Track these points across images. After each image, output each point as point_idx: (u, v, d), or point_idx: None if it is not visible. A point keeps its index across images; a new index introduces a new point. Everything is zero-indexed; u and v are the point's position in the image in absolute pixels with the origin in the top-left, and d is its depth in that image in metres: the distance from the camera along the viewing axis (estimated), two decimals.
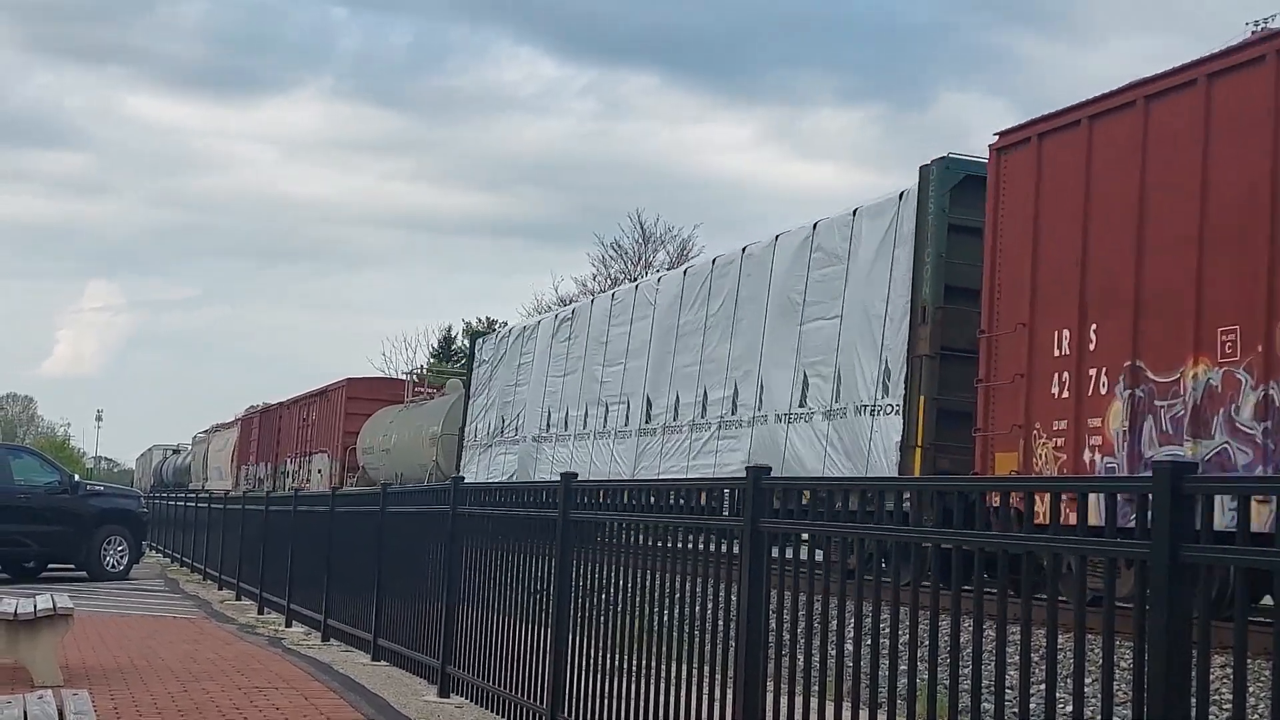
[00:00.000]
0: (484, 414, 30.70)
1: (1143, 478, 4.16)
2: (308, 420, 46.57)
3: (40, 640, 10.64)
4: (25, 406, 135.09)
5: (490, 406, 30.43)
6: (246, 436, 57.85)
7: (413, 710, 10.01)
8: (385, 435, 38.22)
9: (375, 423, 39.91)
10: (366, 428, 40.17)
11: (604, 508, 8.31)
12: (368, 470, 38.80)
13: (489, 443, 29.74)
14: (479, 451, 30.39)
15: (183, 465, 76.78)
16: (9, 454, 24.72)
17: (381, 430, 38.79)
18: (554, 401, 26.59)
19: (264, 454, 52.96)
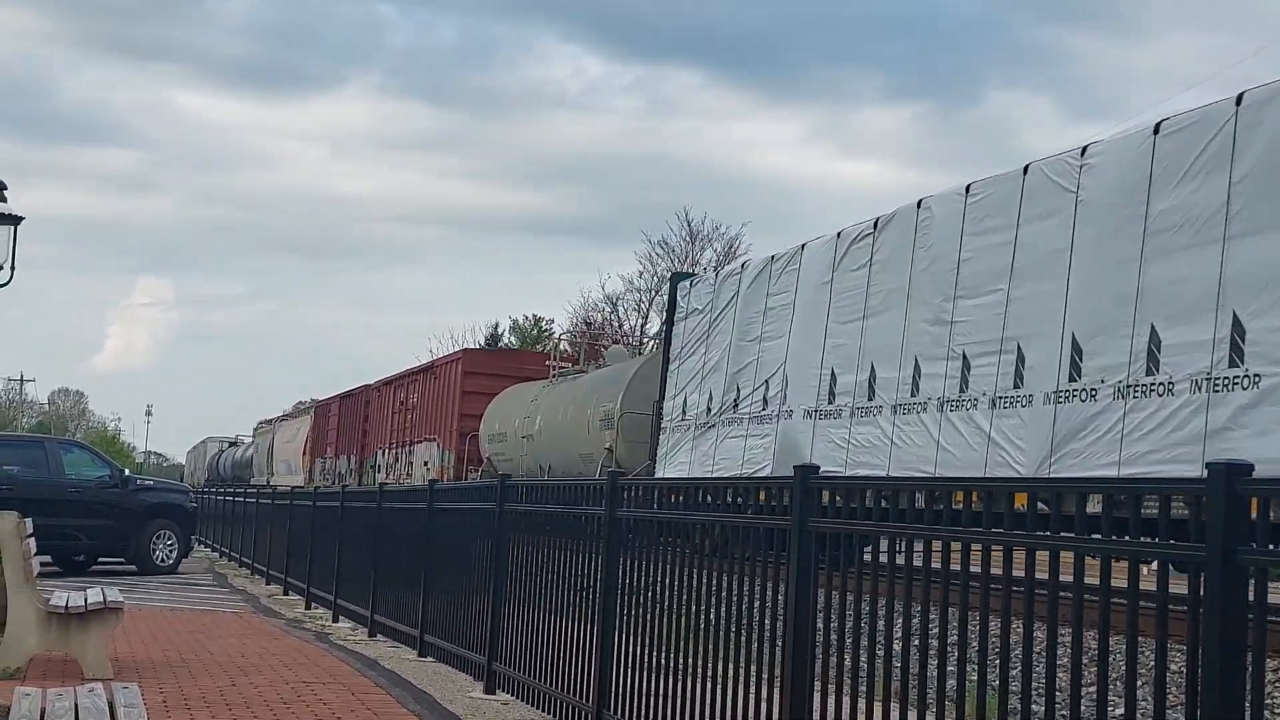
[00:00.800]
0: (697, 382, 21.44)
1: (1196, 479, 4.12)
2: (408, 404, 39.09)
3: (91, 634, 10.73)
4: (76, 401, 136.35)
5: (710, 371, 21.08)
6: (322, 425, 51.52)
7: (459, 706, 10.03)
8: (525, 419, 30.27)
9: (506, 403, 32.33)
10: (493, 410, 32.66)
11: (650, 506, 8.30)
12: (496, 462, 31.34)
13: (710, 421, 20.70)
14: (692, 433, 21.22)
15: (242, 459, 71.33)
16: (61, 448, 24.95)
17: (518, 412, 31.06)
18: (844, 358, 17.16)
19: (346, 445, 46.32)
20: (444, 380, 35.80)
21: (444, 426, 34.87)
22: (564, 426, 27.77)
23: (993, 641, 5.48)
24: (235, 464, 72.17)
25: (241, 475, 67.20)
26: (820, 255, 18.31)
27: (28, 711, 5.87)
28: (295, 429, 57.20)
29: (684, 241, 55.87)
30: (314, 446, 51.57)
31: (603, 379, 27.62)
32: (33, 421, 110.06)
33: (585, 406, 26.99)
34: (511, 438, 30.80)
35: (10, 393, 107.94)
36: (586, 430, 26.53)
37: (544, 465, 28.54)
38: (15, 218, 16.81)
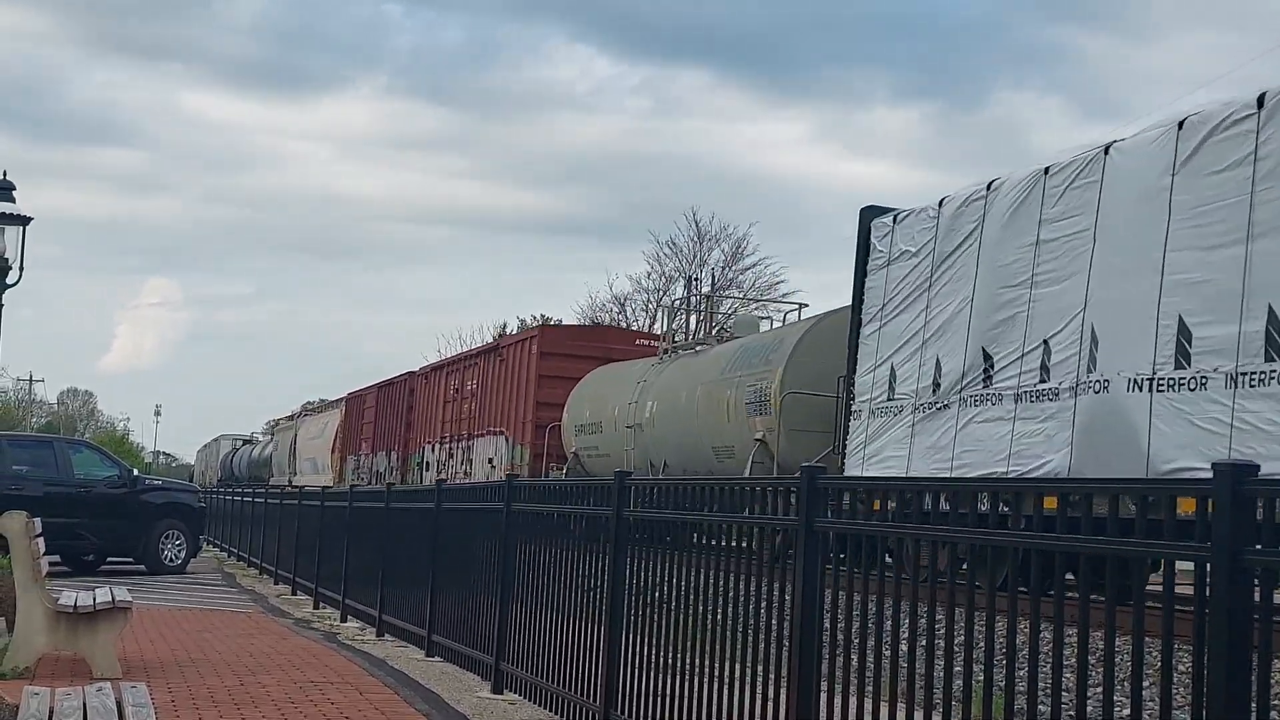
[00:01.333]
0: (913, 348, 16.16)
1: (1203, 480, 4.12)
2: (464, 391, 33.88)
3: (99, 633, 10.75)
4: (85, 401, 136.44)
5: (937, 332, 15.77)
6: (354, 419, 46.73)
7: (466, 706, 10.04)
8: (630, 405, 24.59)
9: (598, 387, 27.14)
10: (581, 396, 27.55)
11: (658, 506, 8.30)
12: (586, 459, 26.48)
13: (941, 400, 15.38)
14: (909, 418, 15.95)
15: (260, 457, 66.95)
16: (70, 448, 24.99)
17: (618, 397, 25.43)
18: (1206, 300, 11.75)
19: (386, 440, 41.56)
20: (514, 363, 30.39)
21: (515, 417, 29.66)
22: (688, 413, 22.09)
23: (999, 642, 5.48)
24: (252, 463, 68.04)
25: (259, 474, 62.82)
26: (1146, 155, 12.71)
27: (37, 710, 5.89)
28: (322, 424, 52.68)
29: (692, 241, 55.85)
30: (345, 442, 46.98)
31: (748, 351, 21.22)
32: (42, 421, 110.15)
33: (723, 387, 20.98)
34: (610, 428, 25.43)
35: (19, 392, 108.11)
36: (725, 417, 20.72)
37: (657, 461, 23.14)
38: (24, 218, 16.83)
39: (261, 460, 65.53)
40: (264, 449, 67.47)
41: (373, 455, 42.98)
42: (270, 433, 77.18)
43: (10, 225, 16.71)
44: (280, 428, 66.87)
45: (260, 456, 66.44)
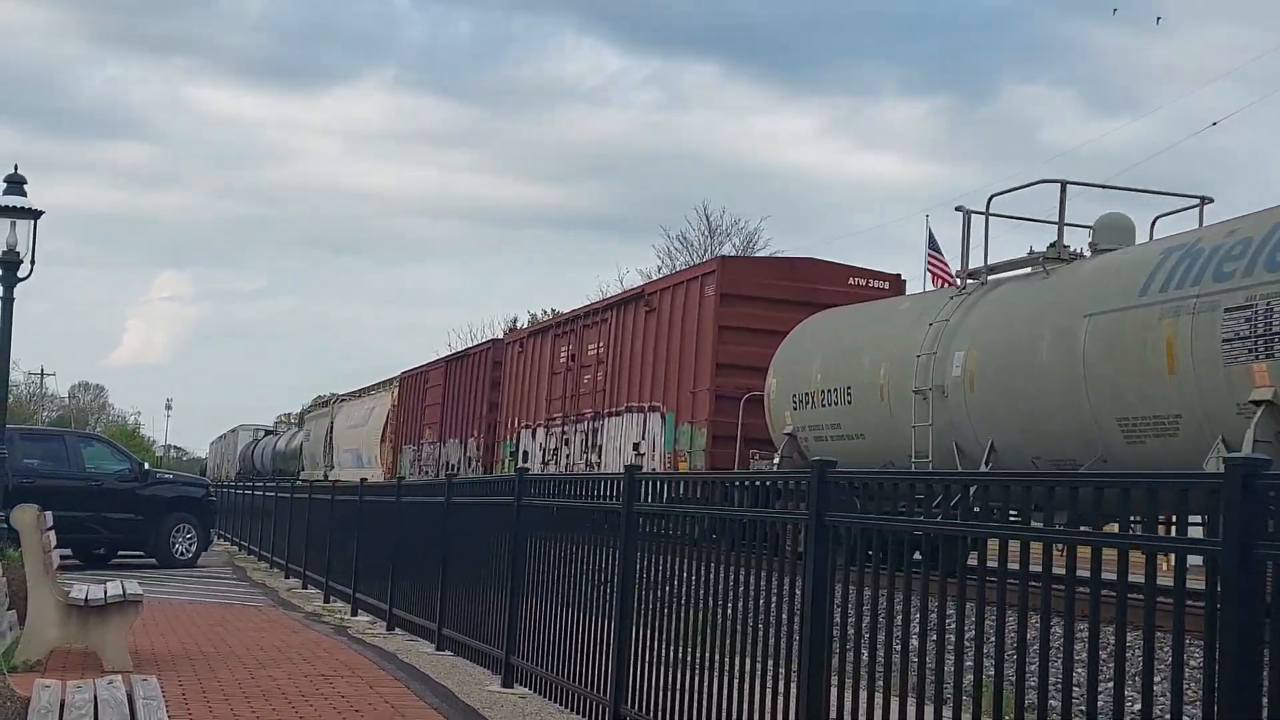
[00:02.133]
0: None
1: (1214, 475, 4.11)
2: (584, 357, 26.25)
3: (110, 626, 10.77)
4: (97, 395, 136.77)
5: None
6: (412, 402, 39.56)
7: (476, 700, 10.05)
8: (927, 360, 16.17)
9: (843, 334, 19.02)
10: (802, 349, 19.61)
11: (668, 500, 8.30)
12: (814, 442, 18.53)
13: None
14: None
15: (287, 449, 60.56)
16: (81, 442, 25.06)
17: (893, 348, 17.20)
18: None
19: (460, 425, 33.98)
20: (676, 312, 22.63)
21: (679, 386, 21.94)
22: (1058, 364, 14.11)
23: (1010, 637, 5.47)
24: (277, 455, 62.02)
25: (287, 468, 56.99)
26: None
27: (47, 703, 5.90)
28: (366, 409, 45.77)
29: (703, 236, 55.80)
30: (399, 430, 40.35)
31: (1221, 252, 12.51)
32: (53, 415, 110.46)
33: (1154, 317, 12.86)
34: (866, 396, 17.46)
35: (31, 386, 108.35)
36: (1163, 366, 12.64)
37: (978, 441, 15.30)
38: (35, 212, 16.86)
39: (289, 452, 59.74)
40: (291, 440, 61.26)
41: (440, 444, 35.38)
42: (295, 422, 71.09)
43: (21, 219, 16.74)
44: (313, 414, 59.17)
45: (287, 448, 60.49)
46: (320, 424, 53.94)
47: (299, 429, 63.59)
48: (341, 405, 51.67)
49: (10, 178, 16.84)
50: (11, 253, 16.60)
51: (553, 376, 27.91)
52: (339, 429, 49.54)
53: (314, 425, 56.23)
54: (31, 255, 16.75)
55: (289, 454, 59.09)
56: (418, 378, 39.91)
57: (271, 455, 63.02)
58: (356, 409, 48.20)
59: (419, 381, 39.45)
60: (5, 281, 16.67)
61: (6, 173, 16.84)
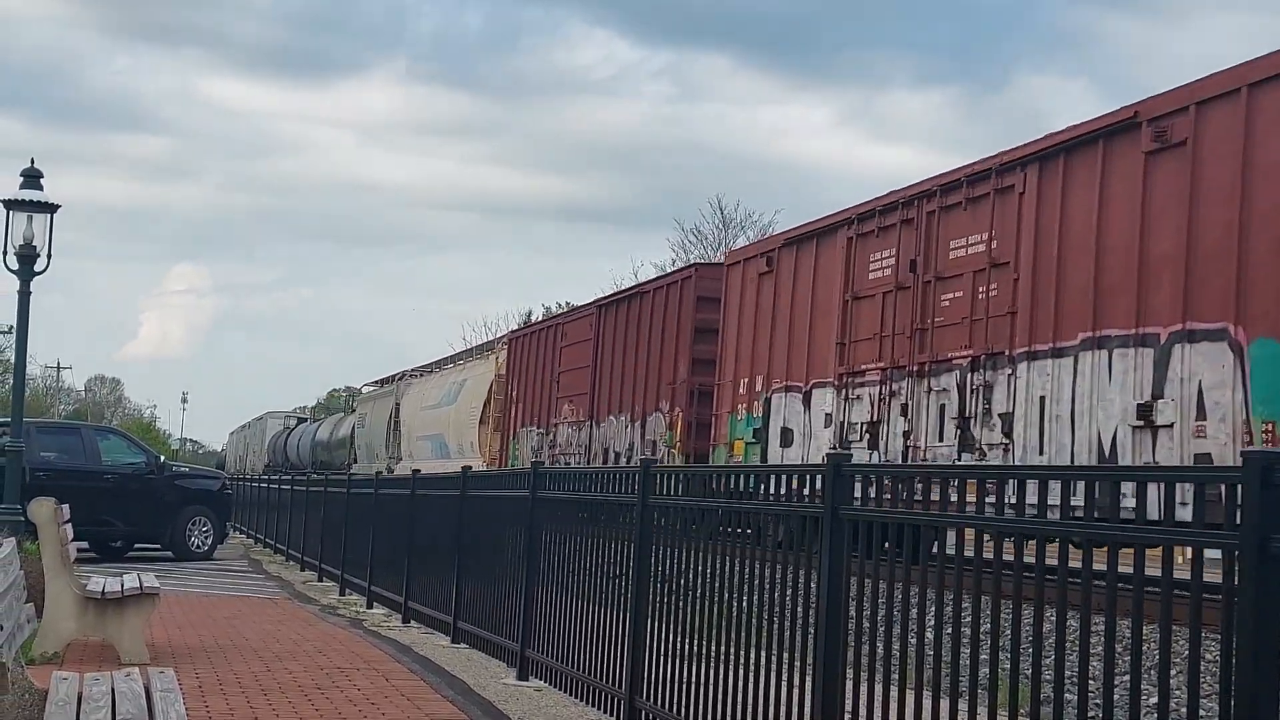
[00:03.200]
0: None
1: (1232, 468, 4.10)
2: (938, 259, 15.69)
3: (127, 619, 10.81)
4: (113, 388, 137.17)
5: None
6: (533, 371, 30.14)
7: (492, 693, 10.06)
8: None
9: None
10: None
11: (683, 494, 8.30)
12: None
13: None
14: None
15: (333, 438, 52.53)
16: (97, 435, 25.13)
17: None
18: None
19: (623, 397, 24.74)
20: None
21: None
22: None
23: (1025, 630, 5.47)
24: (318, 445, 54.54)
25: (331, 460, 50.43)
26: None
27: (65, 695, 5.92)
28: (452, 385, 37.44)
29: (717, 229, 55.68)
30: (513, 408, 31.14)
31: None
32: (69, 408, 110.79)
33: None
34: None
35: (47, 379, 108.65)
36: None
37: None
38: (52, 205, 16.91)
39: (334, 442, 51.78)
40: (338, 427, 53.11)
41: (590, 424, 26.12)
42: (342, 407, 63.65)
43: (38, 213, 16.79)
44: (369, 396, 50.84)
45: (332, 438, 52.44)
46: (380, 407, 45.13)
47: (347, 414, 55.22)
48: (412, 383, 43.32)
49: (27, 171, 16.89)
50: (28, 246, 16.66)
51: (852, 304, 17.47)
52: (409, 412, 41.00)
53: (371, 409, 47.15)
54: (48, 249, 16.80)
55: (334, 444, 51.48)
56: (540, 336, 30.22)
57: (310, 445, 55.56)
58: (434, 386, 39.52)
59: (543, 341, 29.64)
60: (22, 275, 16.72)
61: (22, 166, 16.90)
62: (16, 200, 16.70)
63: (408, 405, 41.84)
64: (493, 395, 33.39)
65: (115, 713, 5.60)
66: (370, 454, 44.94)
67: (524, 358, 31.29)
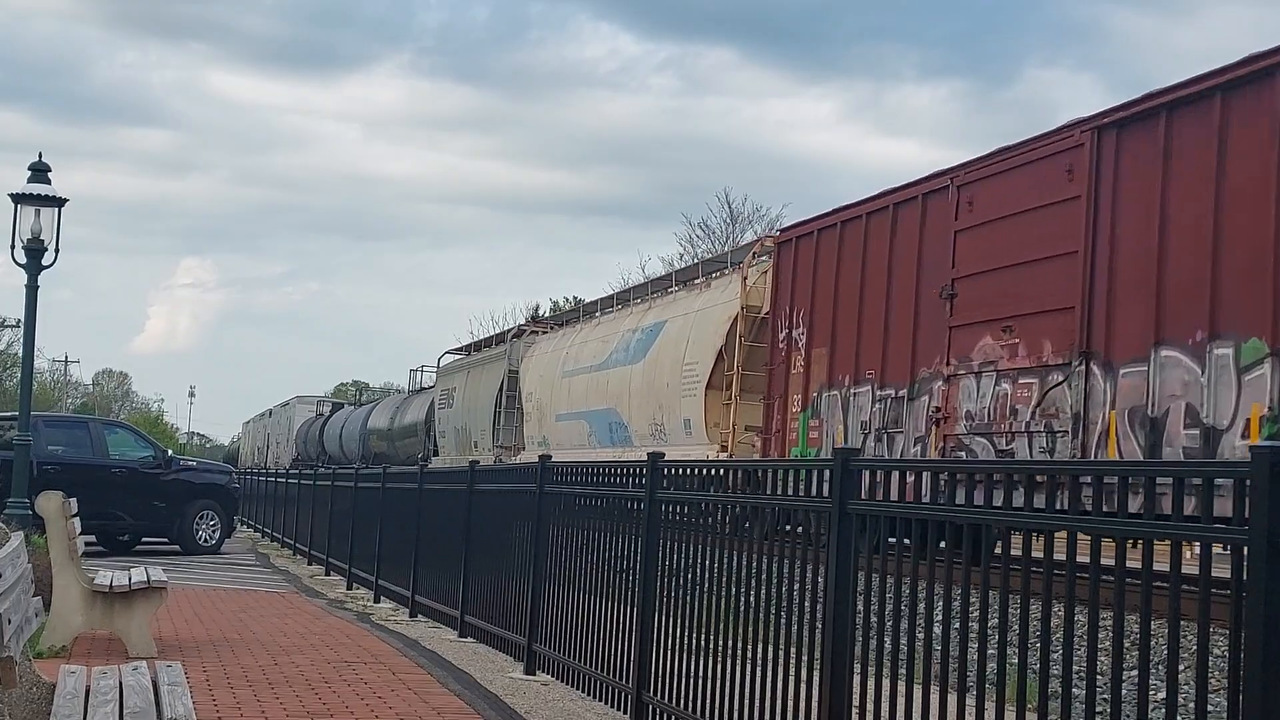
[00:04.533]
0: None
1: (1241, 462, 4.09)
2: None
3: (135, 612, 10.82)
4: (120, 382, 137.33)
5: None
6: (857, 281, 17.52)
7: (499, 687, 10.07)
8: None
9: None
10: None
11: (691, 488, 8.30)
12: None
13: None
14: None
15: (397, 424, 43.13)
16: (105, 429, 25.16)
17: None
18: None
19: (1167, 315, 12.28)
20: None
21: None
22: None
23: (1033, 625, 5.46)
24: (374, 434, 44.86)
25: (392, 451, 41.86)
26: None
27: (73, 689, 5.93)
28: (643, 331, 25.27)
29: (724, 223, 55.59)
30: (803, 357, 18.86)
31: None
32: (77, 402, 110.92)
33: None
34: None
35: (55, 374, 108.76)
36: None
37: None
38: (60, 199, 16.92)
39: (400, 429, 42.40)
40: (401, 411, 43.21)
41: (1088, 366, 13.22)
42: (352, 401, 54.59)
43: (46, 207, 16.80)
44: (454, 368, 38.24)
45: (396, 424, 42.93)
46: (480, 379, 33.97)
47: (413, 394, 45.05)
48: (537, 341, 31.93)
49: (35, 165, 16.91)
50: (36, 240, 16.67)
51: None
52: (539, 381, 29.89)
53: (463, 383, 35.68)
54: (56, 243, 16.82)
55: (398, 431, 42.07)
56: (882, 221, 17.29)
57: (360, 435, 46.26)
58: (588, 339, 27.98)
59: (900, 223, 16.90)
60: (30, 269, 16.74)
61: (28, 160, 16.95)
62: (25, 194, 16.71)
63: (534, 372, 30.45)
64: (739, 340, 21.32)
65: (123, 706, 5.61)
66: (463, 442, 34.49)
67: (838, 262, 18.20)
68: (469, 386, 35.83)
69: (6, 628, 4.47)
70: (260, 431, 71.13)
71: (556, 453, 22.40)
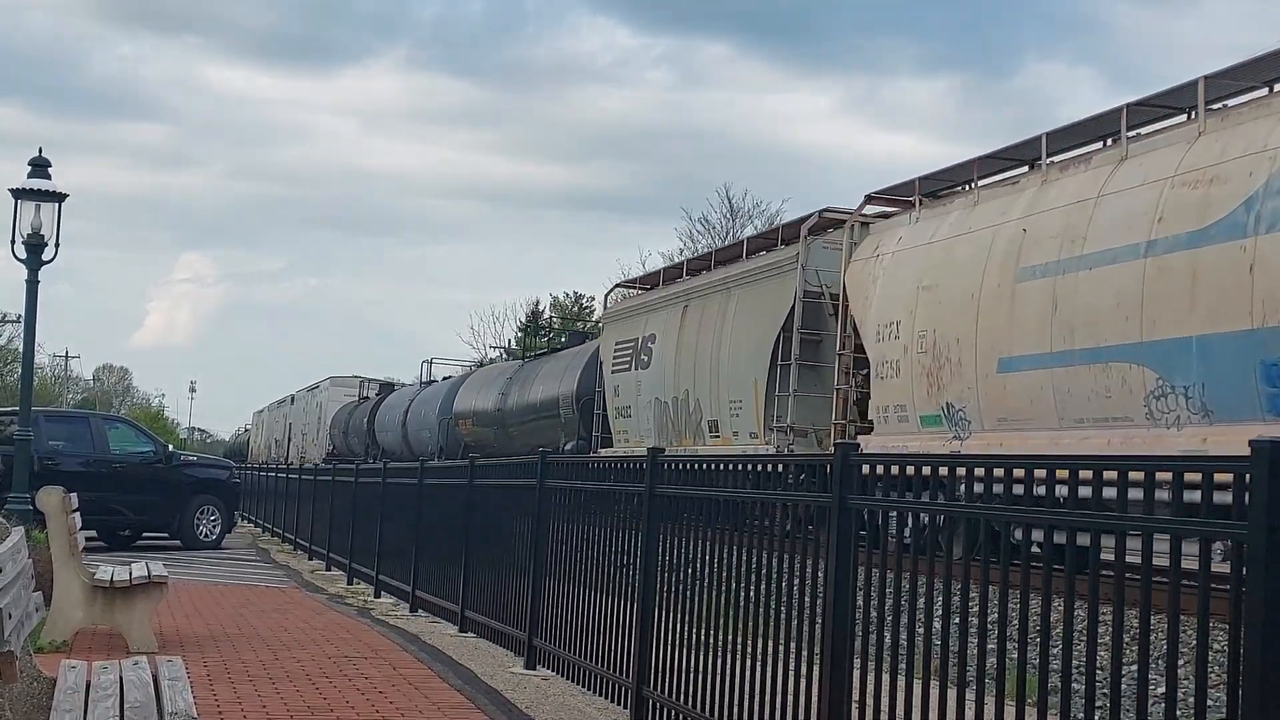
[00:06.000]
0: None
1: (1240, 457, 4.09)
2: None
3: (135, 607, 10.83)
4: (121, 377, 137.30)
5: None
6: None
7: (499, 682, 10.08)
8: None
9: None
10: None
11: (692, 483, 8.30)
12: None
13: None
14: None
15: (513, 402, 31.37)
16: (106, 424, 25.19)
17: None
18: None
19: None
20: None
21: None
22: None
23: (1033, 620, 5.46)
24: (469, 417, 33.99)
25: (499, 440, 31.36)
26: None
27: (73, 684, 5.93)
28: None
29: (724, 218, 55.58)
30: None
31: None
32: (78, 397, 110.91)
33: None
34: None
35: (55, 369, 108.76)
36: None
37: None
38: (60, 195, 16.92)
39: (523, 408, 30.66)
40: (518, 383, 31.53)
41: None
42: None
43: (46, 202, 16.80)
44: (641, 306, 26.78)
45: (512, 402, 31.06)
46: (739, 309, 22.02)
47: (547, 355, 33.51)
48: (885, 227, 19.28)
49: (35, 161, 16.90)
50: (36, 236, 16.67)
51: None
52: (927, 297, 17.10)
53: (680, 323, 23.88)
54: (56, 238, 16.82)
55: (526, 410, 30.49)
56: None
57: (441, 421, 36.41)
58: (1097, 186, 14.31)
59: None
60: (30, 265, 16.74)
61: (23, 153, 16.98)
62: (25, 189, 16.71)
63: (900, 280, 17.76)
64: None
65: (123, 701, 5.61)
66: (679, 420, 23.05)
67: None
68: (695, 329, 22.97)
69: (7, 623, 4.47)
70: (277, 422, 61.40)
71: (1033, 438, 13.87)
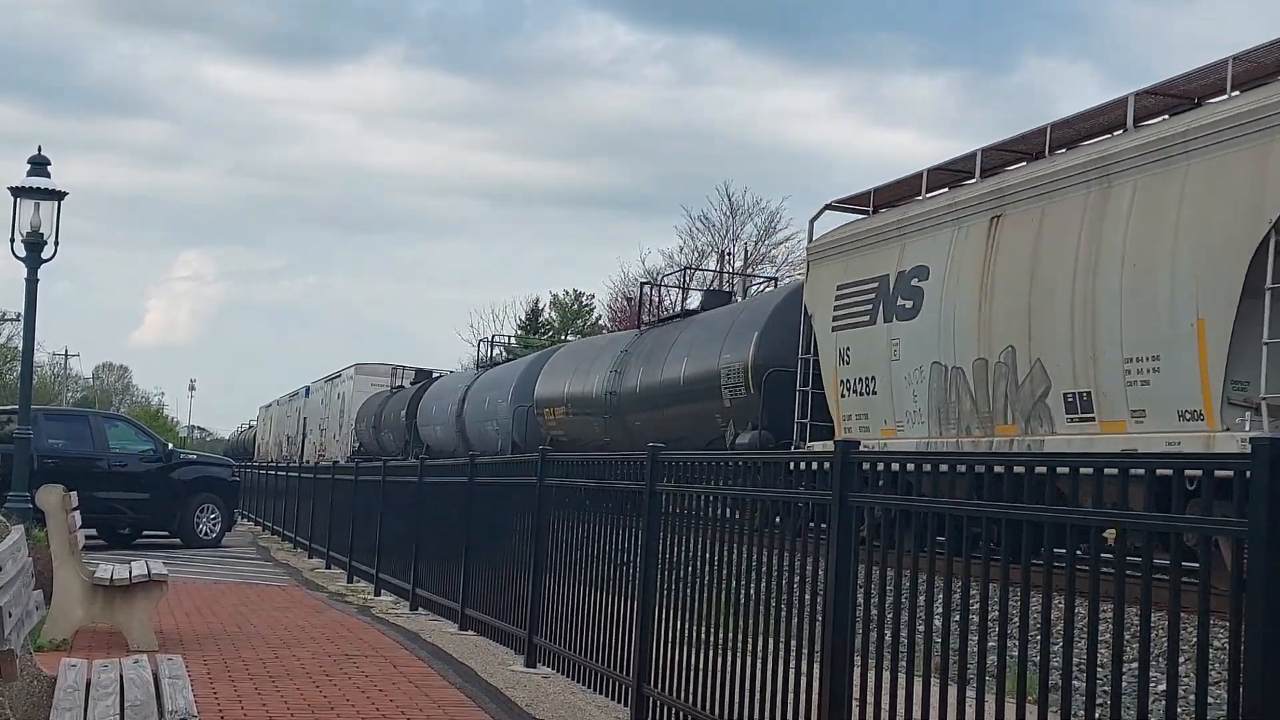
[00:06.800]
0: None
1: (1241, 455, 4.09)
2: None
3: (135, 606, 10.83)
4: (120, 376, 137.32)
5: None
6: None
7: (500, 680, 10.08)
8: None
9: None
10: None
11: (691, 481, 8.29)
12: None
13: None
14: None
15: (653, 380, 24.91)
16: (106, 422, 25.17)
17: None
18: None
19: None
20: None
21: None
22: None
23: (1034, 617, 5.46)
24: (565, 404, 29.17)
25: (617, 431, 26.20)
26: None
27: (74, 682, 5.93)
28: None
29: (724, 216, 55.50)
30: None
31: None
32: (77, 396, 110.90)
33: None
34: None
35: (55, 367, 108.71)
36: None
37: None
38: (59, 193, 16.92)
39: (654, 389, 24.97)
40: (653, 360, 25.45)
41: None
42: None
43: (45, 200, 16.79)
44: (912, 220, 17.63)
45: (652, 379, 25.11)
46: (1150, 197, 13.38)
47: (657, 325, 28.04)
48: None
49: (34, 159, 16.90)
50: (35, 234, 16.67)
51: None
52: None
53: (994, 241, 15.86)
54: (55, 236, 16.81)
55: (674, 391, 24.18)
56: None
57: (515, 412, 31.20)
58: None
59: None
60: (30, 263, 16.74)
61: (22, 151, 17.00)
62: (24, 188, 16.71)
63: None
64: None
65: (124, 700, 5.61)
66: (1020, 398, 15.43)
67: None
68: (1029, 248, 15.54)
69: (7, 621, 4.47)
70: (289, 416, 55.68)
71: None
